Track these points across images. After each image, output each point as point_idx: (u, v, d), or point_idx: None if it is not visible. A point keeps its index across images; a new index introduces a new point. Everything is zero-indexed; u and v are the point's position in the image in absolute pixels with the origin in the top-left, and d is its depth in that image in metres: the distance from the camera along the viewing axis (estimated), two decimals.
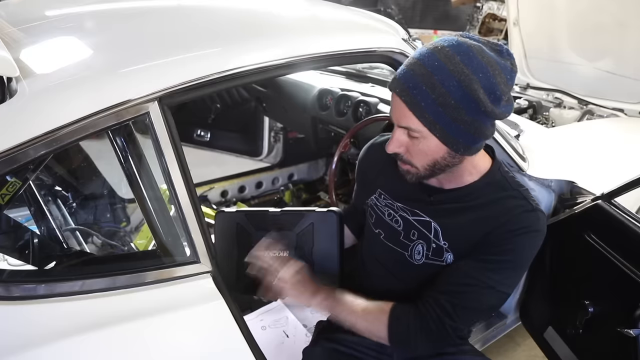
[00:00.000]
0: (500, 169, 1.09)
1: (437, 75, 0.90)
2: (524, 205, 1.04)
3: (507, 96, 0.93)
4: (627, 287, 1.29)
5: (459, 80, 0.89)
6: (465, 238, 1.06)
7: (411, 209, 1.13)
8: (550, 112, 2.75)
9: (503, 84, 0.91)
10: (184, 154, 0.98)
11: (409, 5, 5.84)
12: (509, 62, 0.93)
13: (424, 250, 1.11)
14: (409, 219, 1.13)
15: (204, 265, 1.01)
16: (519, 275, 1.08)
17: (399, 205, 1.15)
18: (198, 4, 1.48)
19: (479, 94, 0.88)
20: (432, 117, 0.92)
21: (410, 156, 1.00)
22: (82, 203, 1.67)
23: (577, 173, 1.64)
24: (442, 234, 1.08)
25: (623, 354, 1.28)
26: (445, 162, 0.99)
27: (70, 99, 0.89)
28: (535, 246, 1.05)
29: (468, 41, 0.92)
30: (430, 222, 1.09)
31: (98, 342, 0.90)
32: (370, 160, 1.25)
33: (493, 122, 0.97)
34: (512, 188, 1.07)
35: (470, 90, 0.89)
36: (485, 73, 0.89)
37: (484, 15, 4.71)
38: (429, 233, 1.10)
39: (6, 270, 0.96)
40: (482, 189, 1.06)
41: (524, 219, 1.02)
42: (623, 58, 2.52)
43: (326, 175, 2.93)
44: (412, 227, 1.12)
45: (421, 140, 0.96)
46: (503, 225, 1.02)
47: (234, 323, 1.01)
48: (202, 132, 2.92)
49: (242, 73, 1.03)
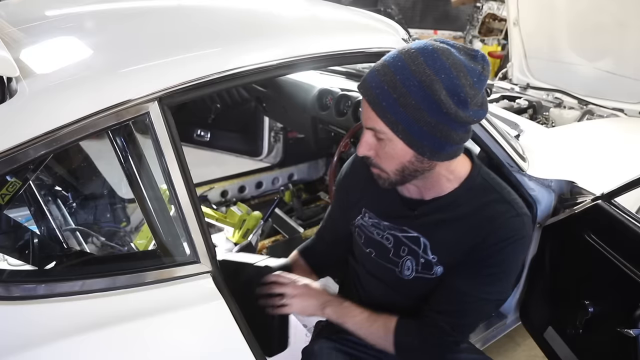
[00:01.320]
0: (481, 172, 1.07)
1: (399, 75, 0.89)
2: (508, 211, 1.02)
3: (476, 100, 0.91)
4: (627, 287, 1.29)
5: (420, 81, 0.88)
6: (453, 250, 1.05)
7: (398, 226, 1.12)
8: (550, 112, 2.75)
9: (469, 86, 0.88)
10: (184, 154, 0.98)
11: (409, 5, 5.83)
12: (481, 66, 0.91)
13: (413, 266, 1.11)
14: (398, 236, 1.12)
15: (204, 265, 1.01)
16: (511, 281, 1.08)
17: (385, 224, 1.15)
18: (198, 4, 1.48)
19: (441, 95, 0.87)
20: (394, 117, 0.91)
21: (379, 160, 0.99)
22: (82, 203, 1.66)
23: (577, 173, 1.64)
24: (431, 248, 1.08)
25: (623, 354, 1.28)
26: (413, 166, 0.97)
27: (70, 99, 0.89)
28: (522, 252, 1.05)
29: (437, 44, 0.91)
30: (419, 237, 1.09)
31: (98, 342, 0.90)
32: (352, 179, 1.23)
33: (464, 128, 0.95)
34: (494, 191, 1.05)
35: (431, 91, 0.87)
36: (449, 74, 0.87)
37: (484, 15, 4.72)
38: (418, 248, 1.10)
39: (6, 270, 0.96)
40: (463, 196, 1.05)
41: (510, 227, 1.01)
42: (623, 58, 2.53)
43: (326, 175, 2.93)
44: (401, 244, 1.12)
45: (387, 142, 0.94)
46: (489, 235, 1.01)
47: (234, 323, 1.01)
48: (202, 132, 2.92)
49: (242, 73, 1.03)
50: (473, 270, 1.03)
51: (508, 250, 1.01)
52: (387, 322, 1.10)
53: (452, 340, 1.08)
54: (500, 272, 1.04)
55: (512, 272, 1.06)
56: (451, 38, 5.55)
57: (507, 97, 2.86)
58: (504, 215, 1.02)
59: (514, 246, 1.02)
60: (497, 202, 1.04)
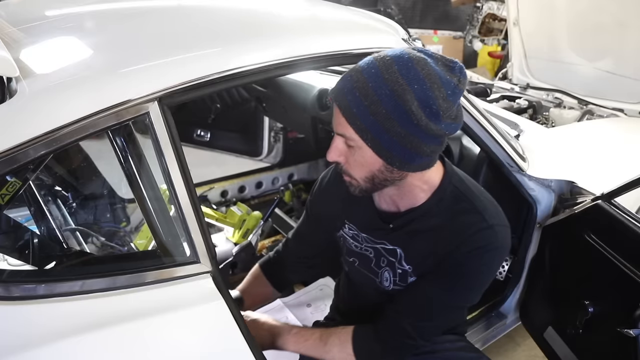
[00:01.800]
0: (452, 180, 1.05)
1: (371, 82, 0.87)
2: (478, 222, 1.00)
3: (449, 113, 0.89)
4: (627, 287, 1.29)
5: (391, 90, 0.86)
6: (426, 261, 1.05)
7: (376, 239, 1.12)
8: (550, 112, 2.74)
9: (442, 98, 0.86)
10: (184, 154, 0.98)
11: (409, 5, 5.83)
12: (457, 78, 0.89)
13: (391, 277, 1.11)
14: (377, 247, 1.13)
15: (204, 265, 1.01)
16: (480, 290, 1.07)
17: (363, 236, 1.15)
18: (198, 4, 1.48)
19: (412, 106, 0.85)
20: (364, 125, 0.89)
21: (349, 167, 0.97)
22: (82, 203, 1.66)
23: (577, 173, 1.64)
24: (405, 258, 1.08)
25: (623, 354, 1.28)
26: (383, 175, 0.95)
27: (70, 99, 0.89)
28: (495, 262, 1.04)
29: (413, 53, 0.89)
30: (396, 249, 1.09)
31: (98, 342, 0.90)
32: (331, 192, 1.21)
33: (436, 140, 0.92)
34: (465, 200, 1.03)
35: (402, 101, 0.85)
36: (421, 85, 0.85)
37: (484, 15, 4.71)
38: (394, 259, 1.10)
39: (6, 270, 0.96)
40: (435, 207, 1.03)
41: (479, 238, 0.99)
42: (623, 58, 2.53)
43: None
44: (381, 255, 1.13)
45: (357, 150, 0.93)
46: (459, 247, 1.00)
47: (234, 323, 1.01)
48: (202, 132, 2.91)
49: (242, 73, 1.03)
50: (442, 276, 1.03)
51: (479, 260, 1.00)
52: (342, 335, 1.10)
53: (412, 343, 1.07)
54: (469, 281, 1.03)
55: (482, 282, 1.05)
56: (451, 38, 5.56)
57: (507, 97, 2.86)
58: (474, 227, 1.00)
59: (485, 256, 1.00)
60: (467, 212, 1.02)
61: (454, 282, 1.03)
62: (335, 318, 1.41)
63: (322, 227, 1.27)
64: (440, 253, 1.02)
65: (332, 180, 1.23)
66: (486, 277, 1.05)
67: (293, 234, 1.35)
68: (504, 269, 1.79)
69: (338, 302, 1.44)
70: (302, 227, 1.34)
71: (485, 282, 1.06)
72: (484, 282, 1.06)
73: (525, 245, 1.69)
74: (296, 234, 1.34)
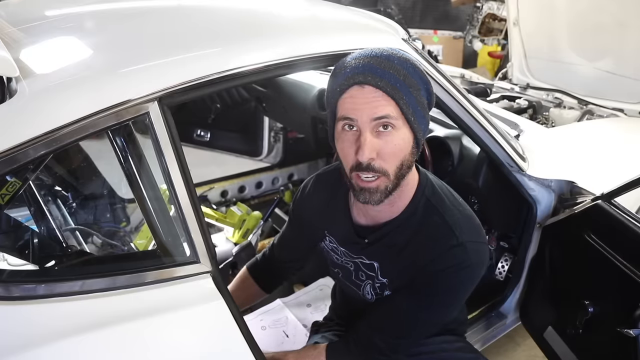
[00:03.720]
0: (426, 191, 1.03)
1: (395, 60, 0.90)
2: (449, 239, 0.98)
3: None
4: (627, 287, 1.29)
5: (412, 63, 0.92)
6: (400, 273, 1.05)
7: (353, 254, 1.12)
8: (550, 112, 2.74)
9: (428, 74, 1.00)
10: (184, 154, 0.98)
11: (409, 5, 5.83)
12: None
13: (372, 290, 1.11)
14: (356, 262, 1.13)
15: (204, 265, 1.01)
16: (456, 307, 1.08)
17: (342, 250, 1.15)
18: (198, 4, 1.48)
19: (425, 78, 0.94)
20: (406, 100, 0.89)
21: (383, 161, 0.91)
22: (82, 203, 1.66)
23: (577, 173, 1.64)
24: (381, 271, 1.08)
25: (623, 354, 1.28)
26: (408, 162, 0.94)
27: (70, 99, 0.89)
28: (468, 280, 1.01)
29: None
30: (373, 264, 1.09)
31: (98, 342, 0.90)
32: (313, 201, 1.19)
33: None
34: (436, 213, 1.01)
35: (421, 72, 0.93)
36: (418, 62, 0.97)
37: (484, 15, 4.71)
38: (372, 273, 1.10)
39: (6, 270, 0.95)
40: (408, 219, 1.02)
41: (451, 256, 0.97)
42: (623, 58, 2.52)
43: None
44: (359, 269, 1.13)
45: (393, 134, 0.89)
46: (432, 263, 0.98)
47: (234, 323, 1.01)
48: (202, 132, 2.92)
49: (242, 73, 1.03)
50: (416, 292, 1.02)
51: (452, 278, 0.99)
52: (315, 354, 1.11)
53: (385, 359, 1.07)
54: (444, 299, 1.03)
55: (457, 299, 1.05)
56: (451, 38, 5.56)
57: (507, 97, 2.86)
58: (445, 245, 0.98)
59: (457, 275, 0.98)
60: (438, 227, 0.99)
61: (429, 299, 1.02)
62: (333, 319, 1.42)
63: (305, 235, 1.26)
64: (414, 267, 1.01)
65: (312, 190, 1.21)
66: (461, 294, 1.04)
67: (278, 239, 1.34)
68: (504, 269, 1.79)
69: (335, 305, 1.45)
70: (286, 232, 1.33)
71: (461, 299, 1.05)
72: (459, 299, 1.05)
73: (525, 245, 1.69)
74: (281, 239, 1.34)
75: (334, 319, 1.41)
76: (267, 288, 1.36)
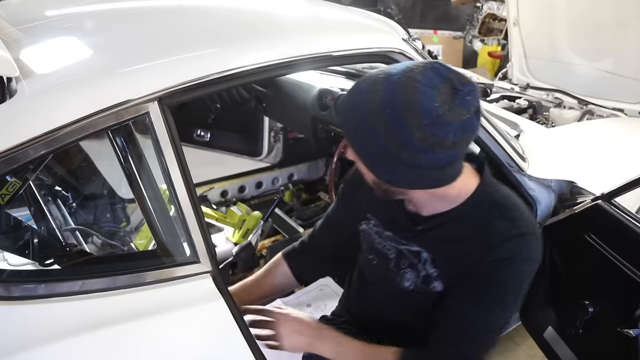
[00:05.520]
0: (487, 188, 1.03)
1: (357, 98, 0.90)
2: (509, 229, 0.98)
3: (430, 142, 0.83)
4: (627, 287, 1.29)
5: (368, 111, 0.86)
6: (453, 266, 1.04)
7: (401, 239, 1.11)
8: (550, 112, 2.74)
9: (417, 128, 0.82)
10: (184, 154, 0.98)
11: (409, 5, 5.83)
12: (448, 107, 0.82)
13: (413, 278, 1.10)
14: (400, 248, 1.11)
15: (204, 265, 1.01)
16: (514, 305, 1.04)
17: (387, 234, 1.14)
18: (198, 4, 1.48)
19: (380, 130, 0.85)
20: (350, 139, 0.93)
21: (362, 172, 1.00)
22: (82, 203, 1.66)
23: (577, 173, 1.64)
24: (431, 262, 1.06)
25: (623, 354, 1.28)
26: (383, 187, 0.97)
27: (70, 98, 0.89)
28: (526, 274, 1.00)
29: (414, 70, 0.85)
30: (420, 252, 1.08)
31: (98, 342, 0.90)
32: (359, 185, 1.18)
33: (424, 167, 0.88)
34: (498, 208, 1.01)
35: (374, 123, 0.85)
36: (394, 111, 0.83)
37: (484, 15, 4.71)
38: (418, 262, 1.08)
39: (6, 270, 0.96)
40: (468, 212, 1.02)
41: (509, 247, 0.97)
42: (623, 58, 2.52)
43: (326, 175, 2.92)
44: (402, 256, 1.11)
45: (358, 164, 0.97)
46: (488, 253, 0.98)
47: (234, 323, 1.01)
48: (202, 132, 2.91)
49: (242, 73, 1.03)
50: (476, 296, 1.00)
51: (508, 271, 0.98)
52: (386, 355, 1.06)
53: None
54: (502, 294, 1.00)
55: (515, 296, 1.02)
56: (451, 38, 5.56)
57: (507, 97, 2.86)
58: (505, 234, 0.98)
59: (515, 267, 0.98)
60: (498, 219, 1.00)
61: (487, 295, 0.99)
62: (342, 315, 1.38)
63: (350, 215, 1.24)
64: (470, 259, 1.00)
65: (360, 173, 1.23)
66: (518, 289, 1.01)
67: (321, 223, 1.32)
68: None
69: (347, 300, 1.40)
70: (331, 215, 1.30)
71: (518, 296, 1.02)
72: (516, 295, 1.01)
73: None
74: (325, 222, 1.31)
75: (343, 316, 1.37)
76: (302, 277, 1.33)
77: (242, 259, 1.86)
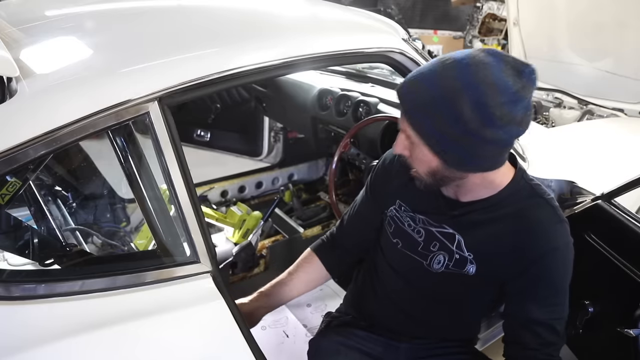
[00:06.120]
0: (524, 176, 1.07)
1: (427, 83, 0.90)
2: (551, 217, 1.03)
3: (507, 119, 0.88)
4: (627, 287, 1.29)
5: (444, 94, 0.88)
6: (491, 250, 1.06)
7: (435, 222, 1.12)
8: (550, 112, 2.75)
9: (497, 106, 0.86)
10: (184, 154, 0.98)
11: (409, 5, 5.84)
12: (521, 85, 0.88)
13: (445, 261, 1.11)
14: (432, 231, 1.12)
15: (204, 265, 1.01)
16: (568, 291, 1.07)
17: (420, 217, 1.14)
18: (198, 4, 1.48)
19: (463, 111, 0.87)
20: (420, 124, 0.93)
21: (412, 161, 1.01)
22: (82, 203, 1.66)
23: (577, 173, 1.64)
24: (466, 245, 1.08)
25: (623, 354, 1.28)
26: (443, 174, 0.97)
27: (70, 98, 0.89)
28: (570, 259, 1.04)
29: (478, 56, 0.89)
30: (454, 234, 1.09)
31: (98, 342, 0.90)
32: (385, 175, 1.23)
33: (495, 145, 0.92)
34: (537, 195, 1.05)
35: (453, 106, 0.87)
36: (474, 91, 0.86)
37: (484, 15, 4.72)
38: (451, 245, 1.09)
39: (6, 270, 0.96)
40: (506, 199, 1.04)
41: (552, 233, 1.02)
42: (623, 58, 2.52)
43: (326, 175, 2.93)
44: (434, 239, 1.12)
45: (416, 146, 0.96)
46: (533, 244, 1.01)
47: (234, 323, 1.01)
48: (202, 132, 2.91)
49: (242, 73, 1.03)
50: (533, 294, 1.04)
51: (556, 260, 1.02)
52: None
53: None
54: (557, 283, 1.04)
55: (567, 281, 1.05)
56: (451, 38, 5.56)
57: None
58: (547, 221, 1.02)
59: (562, 254, 1.02)
60: (540, 207, 1.03)
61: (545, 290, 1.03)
62: (349, 312, 1.37)
63: (378, 204, 1.25)
64: (510, 244, 1.03)
65: (386, 163, 1.24)
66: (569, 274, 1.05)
67: (350, 216, 1.32)
68: None
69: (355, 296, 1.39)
70: (361, 207, 1.31)
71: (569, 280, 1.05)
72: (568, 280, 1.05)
73: None
74: (355, 214, 1.31)
75: (350, 313, 1.37)
76: (334, 269, 1.33)
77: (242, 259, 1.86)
